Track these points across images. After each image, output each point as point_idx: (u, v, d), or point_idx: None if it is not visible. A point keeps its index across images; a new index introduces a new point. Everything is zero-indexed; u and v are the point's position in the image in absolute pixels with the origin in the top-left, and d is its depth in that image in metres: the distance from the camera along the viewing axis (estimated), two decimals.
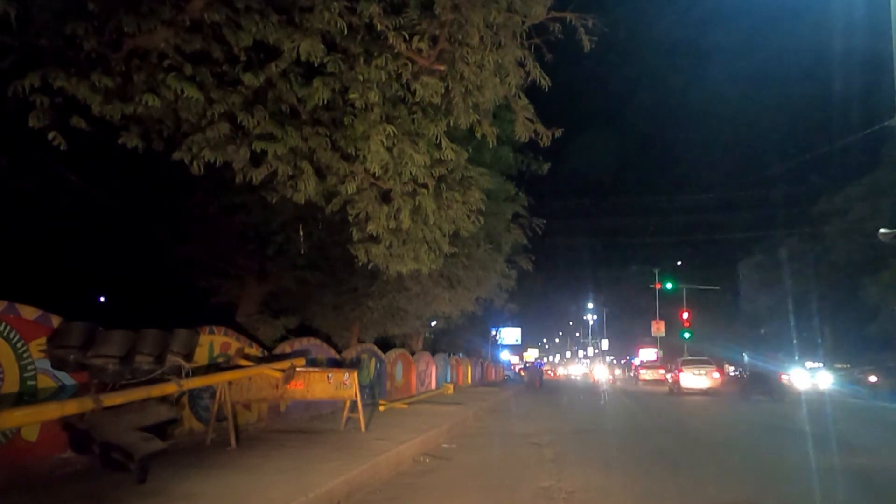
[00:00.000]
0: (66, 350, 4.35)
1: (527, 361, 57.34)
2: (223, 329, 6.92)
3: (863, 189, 25.13)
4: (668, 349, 44.95)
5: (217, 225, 9.38)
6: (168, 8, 4.09)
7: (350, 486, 4.57)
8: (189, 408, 6.27)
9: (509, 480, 5.34)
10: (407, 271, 6.46)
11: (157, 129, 4.82)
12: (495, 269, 13.04)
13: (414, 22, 4.56)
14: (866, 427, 11.65)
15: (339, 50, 4.57)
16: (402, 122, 5.03)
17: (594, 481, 5.25)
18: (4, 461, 4.13)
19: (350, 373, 7.14)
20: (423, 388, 16.58)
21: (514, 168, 12.55)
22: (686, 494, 4.91)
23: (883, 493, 5.22)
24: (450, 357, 21.66)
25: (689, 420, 12.40)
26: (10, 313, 4.28)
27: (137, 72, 4.21)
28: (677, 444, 8.32)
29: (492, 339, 37.79)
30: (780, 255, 34.65)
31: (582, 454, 6.97)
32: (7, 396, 4.15)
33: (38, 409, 3.80)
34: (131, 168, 6.71)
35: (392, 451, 5.84)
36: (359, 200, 5.47)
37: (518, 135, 5.51)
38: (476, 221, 6.44)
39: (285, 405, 8.18)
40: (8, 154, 5.78)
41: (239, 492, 4.03)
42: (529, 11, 4.72)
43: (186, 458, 5.11)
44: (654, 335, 42.09)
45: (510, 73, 5.00)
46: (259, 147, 4.63)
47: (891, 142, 21.31)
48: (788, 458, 7.02)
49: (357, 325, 12.24)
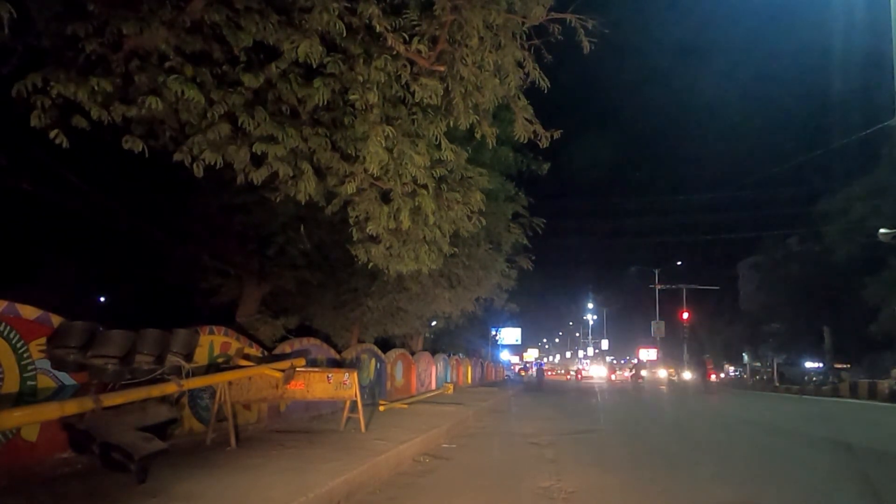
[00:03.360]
0: (66, 350, 4.35)
1: (527, 362, 57.37)
2: (223, 329, 6.93)
3: (863, 189, 25.10)
4: (669, 349, 44.96)
5: (217, 225, 9.38)
6: (168, 9, 4.09)
7: (350, 486, 4.58)
8: (189, 408, 6.27)
9: (509, 480, 5.35)
10: (407, 271, 6.46)
11: (157, 129, 4.83)
12: (495, 269, 13.03)
13: (413, 23, 4.56)
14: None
15: (338, 51, 4.57)
16: (402, 122, 5.03)
17: (594, 481, 5.26)
18: (4, 461, 4.13)
19: (350, 373, 7.15)
20: (423, 388, 16.58)
21: (513, 168, 12.54)
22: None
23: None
24: (450, 357, 21.66)
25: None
26: (10, 313, 4.28)
27: (138, 73, 4.21)
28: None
29: (492, 339, 37.81)
30: (779, 256, 34.64)
31: (582, 454, 6.98)
32: (7, 396, 4.15)
33: (38, 409, 3.80)
34: (131, 168, 6.70)
35: (392, 451, 5.84)
36: (359, 201, 5.47)
37: (518, 135, 5.51)
38: (476, 222, 6.44)
39: (285, 405, 8.18)
40: (8, 154, 5.78)
41: (239, 492, 4.03)
42: (529, 13, 4.72)
43: (186, 458, 5.11)
44: (654, 335, 42.12)
45: (510, 74, 5.00)
46: (260, 149, 4.63)
47: (891, 142, 21.30)
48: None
49: (357, 325, 12.24)
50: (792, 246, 33.31)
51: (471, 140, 6.53)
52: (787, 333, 34.85)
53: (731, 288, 47.97)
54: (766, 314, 36.15)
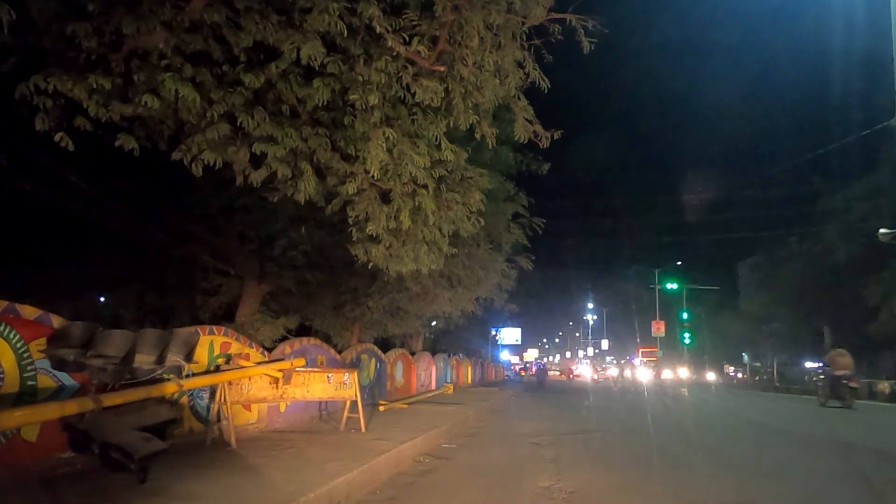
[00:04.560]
0: (66, 350, 4.35)
1: (527, 361, 57.36)
2: (223, 329, 6.92)
3: (863, 189, 25.10)
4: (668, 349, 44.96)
5: (217, 225, 9.40)
6: (168, 9, 4.09)
7: (350, 486, 4.58)
8: (189, 408, 6.27)
9: (509, 480, 5.35)
10: (407, 271, 6.47)
11: (157, 129, 4.83)
12: (495, 269, 13.03)
13: (414, 23, 4.56)
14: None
15: (339, 51, 4.57)
16: (402, 122, 5.04)
17: (594, 481, 5.26)
18: (4, 461, 4.13)
19: (350, 373, 7.14)
20: (423, 388, 16.58)
21: (513, 168, 12.54)
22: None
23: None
24: (450, 357, 21.66)
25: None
26: (10, 313, 4.28)
27: (137, 72, 4.22)
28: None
29: (492, 339, 37.81)
30: (779, 256, 34.61)
31: (582, 454, 6.98)
32: (7, 396, 4.15)
33: (38, 409, 3.80)
34: (132, 168, 6.71)
35: (392, 451, 5.84)
36: (359, 201, 5.48)
37: (517, 136, 5.51)
38: (476, 222, 6.44)
39: (285, 405, 8.18)
40: (8, 154, 5.79)
41: (239, 492, 4.03)
42: (529, 13, 4.72)
43: (186, 458, 5.11)
44: (654, 335, 42.11)
45: (510, 75, 5.01)
46: (259, 149, 4.63)
47: (891, 142, 21.28)
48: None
49: (357, 325, 12.24)
50: (792, 246, 33.23)
51: (471, 140, 6.53)
52: (787, 333, 34.83)
53: (731, 288, 47.96)
54: (766, 314, 36.13)
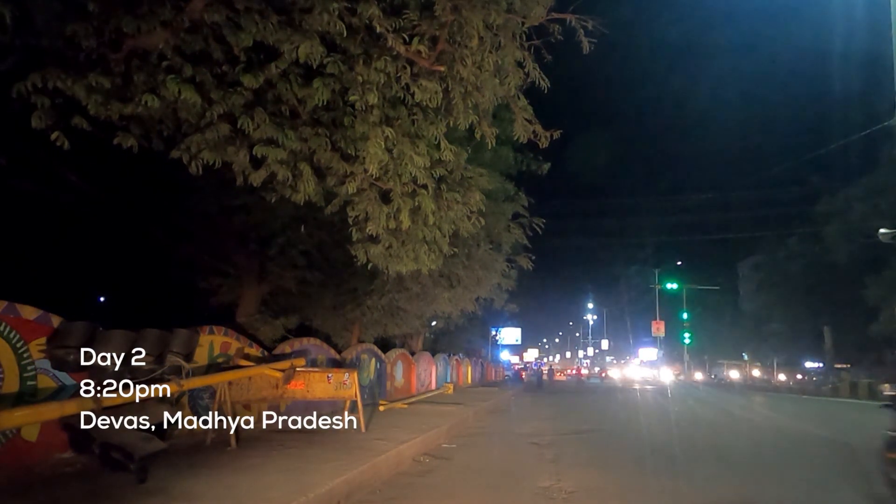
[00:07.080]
0: (66, 350, 4.35)
1: (527, 362, 57.34)
2: (223, 329, 6.93)
3: (863, 189, 25.07)
4: (668, 348, 44.95)
5: (217, 225, 9.39)
6: (168, 9, 4.09)
7: (350, 486, 4.58)
8: (189, 408, 6.27)
9: (509, 480, 5.35)
10: (406, 271, 6.46)
11: (157, 129, 4.83)
12: (495, 268, 13.02)
13: (413, 23, 4.56)
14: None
15: (338, 51, 4.57)
16: (402, 122, 5.03)
17: (594, 481, 5.26)
18: (4, 461, 4.13)
19: (350, 373, 7.14)
20: (423, 388, 16.57)
21: (513, 168, 12.51)
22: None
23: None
24: (450, 357, 21.65)
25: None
26: (10, 313, 4.28)
27: (137, 72, 4.21)
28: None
29: (492, 339, 37.79)
30: (779, 256, 34.60)
31: (581, 454, 6.98)
32: (7, 396, 4.16)
33: (38, 409, 3.80)
34: (131, 168, 6.71)
35: (392, 451, 5.84)
36: (359, 201, 5.47)
37: (517, 136, 5.51)
38: (476, 222, 6.43)
39: (285, 405, 8.18)
40: (8, 154, 5.78)
41: (239, 492, 4.03)
42: (529, 13, 4.72)
43: (186, 458, 5.11)
44: (654, 335, 42.09)
45: (509, 75, 5.00)
46: (259, 152, 4.63)
47: (891, 142, 21.26)
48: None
49: (357, 325, 12.23)
50: (792, 246, 33.21)
51: (471, 140, 6.53)
52: (787, 333, 34.82)
53: (731, 288, 47.91)
54: (766, 314, 36.12)
